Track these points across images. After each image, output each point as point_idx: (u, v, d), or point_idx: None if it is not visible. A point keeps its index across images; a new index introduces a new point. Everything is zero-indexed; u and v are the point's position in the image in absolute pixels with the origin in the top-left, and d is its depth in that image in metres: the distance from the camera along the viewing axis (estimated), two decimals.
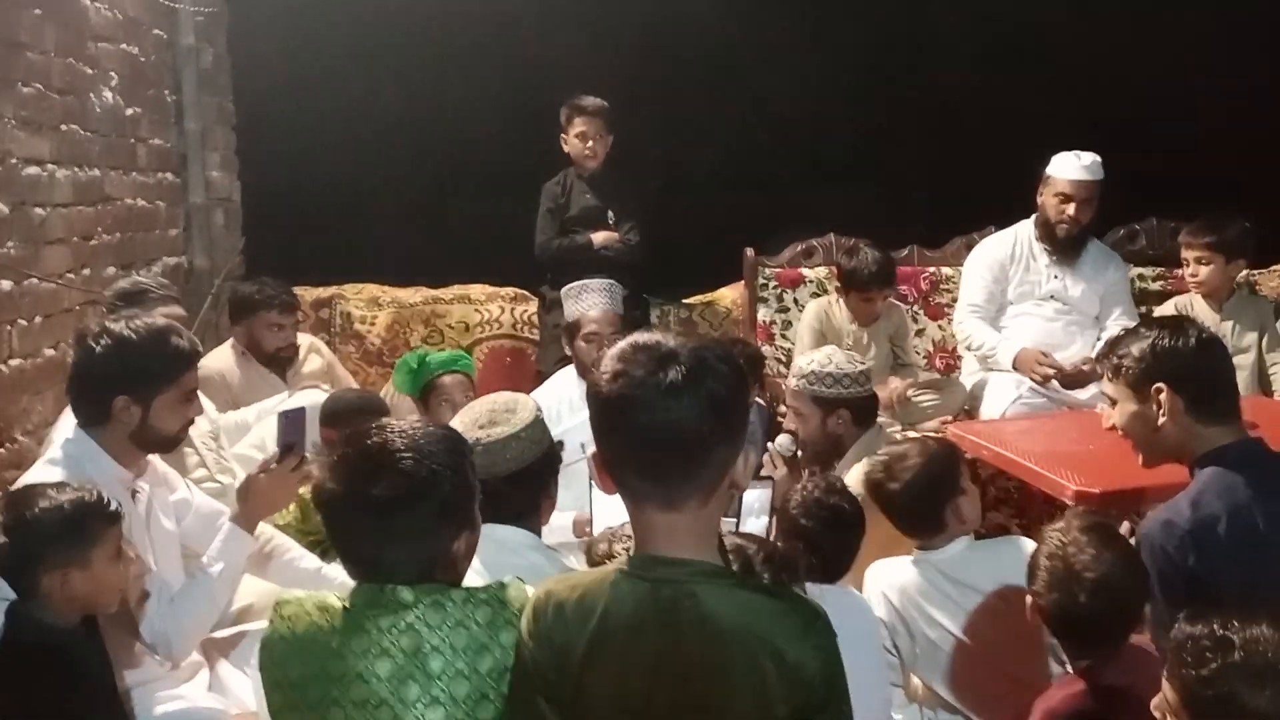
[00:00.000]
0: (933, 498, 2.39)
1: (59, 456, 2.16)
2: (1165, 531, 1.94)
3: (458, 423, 2.09)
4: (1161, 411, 2.01)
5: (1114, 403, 2.11)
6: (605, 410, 1.36)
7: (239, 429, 3.29)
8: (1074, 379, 3.72)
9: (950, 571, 2.37)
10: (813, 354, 2.99)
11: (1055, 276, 3.97)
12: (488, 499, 1.82)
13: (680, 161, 5.10)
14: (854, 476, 2.87)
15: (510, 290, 4.67)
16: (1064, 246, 3.92)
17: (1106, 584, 1.85)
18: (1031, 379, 3.74)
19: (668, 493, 1.36)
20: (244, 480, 2.32)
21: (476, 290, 4.67)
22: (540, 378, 4.11)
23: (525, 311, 4.59)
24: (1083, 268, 3.96)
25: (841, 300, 4.07)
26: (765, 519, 2.63)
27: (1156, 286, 4.45)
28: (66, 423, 2.35)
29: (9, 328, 2.89)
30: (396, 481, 1.51)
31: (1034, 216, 3.99)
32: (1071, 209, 3.85)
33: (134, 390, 2.15)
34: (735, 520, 2.61)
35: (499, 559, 2.00)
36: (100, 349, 2.15)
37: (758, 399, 3.99)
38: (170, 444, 2.30)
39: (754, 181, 4.95)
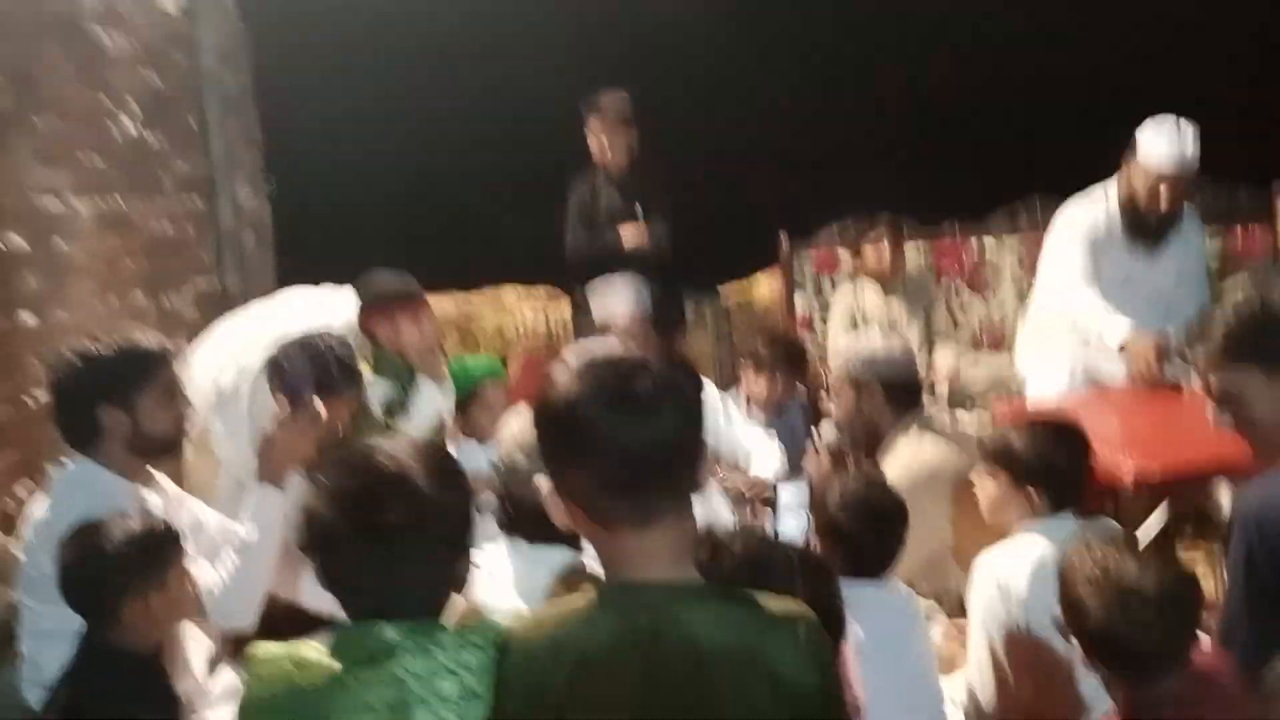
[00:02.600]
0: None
1: (64, 490, 2.17)
2: (1267, 507, 1.70)
3: (511, 439, 2.03)
4: None
5: (1225, 397, 1.84)
6: (573, 433, 1.27)
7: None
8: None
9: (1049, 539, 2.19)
10: (851, 337, 2.88)
11: (1136, 262, 3.53)
12: (529, 518, 1.74)
13: (711, 146, 4.97)
14: (895, 463, 2.77)
15: (543, 290, 4.60)
16: (1154, 233, 3.45)
17: (1169, 594, 1.66)
18: (1135, 373, 3.29)
19: (645, 510, 1.27)
20: (260, 440, 2.28)
21: (509, 294, 4.62)
22: None
23: (560, 316, 4.53)
24: (1166, 248, 3.50)
25: (865, 279, 3.99)
26: (803, 515, 2.54)
27: None
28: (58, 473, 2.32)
29: (35, 361, 2.89)
30: (407, 507, 1.41)
31: (1117, 194, 3.48)
32: (1166, 197, 3.34)
33: (115, 397, 2.16)
34: (773, 520, 2.55)
35: (536, 579, 1.96)
36: (69, 369, 2.17)
37: (798, 395, 3.91)
38: (169, 446, 2.29)
39: (787, 162, 4.81)
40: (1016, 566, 2.20)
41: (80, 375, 2.18)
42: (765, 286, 4.57)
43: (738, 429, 3.45)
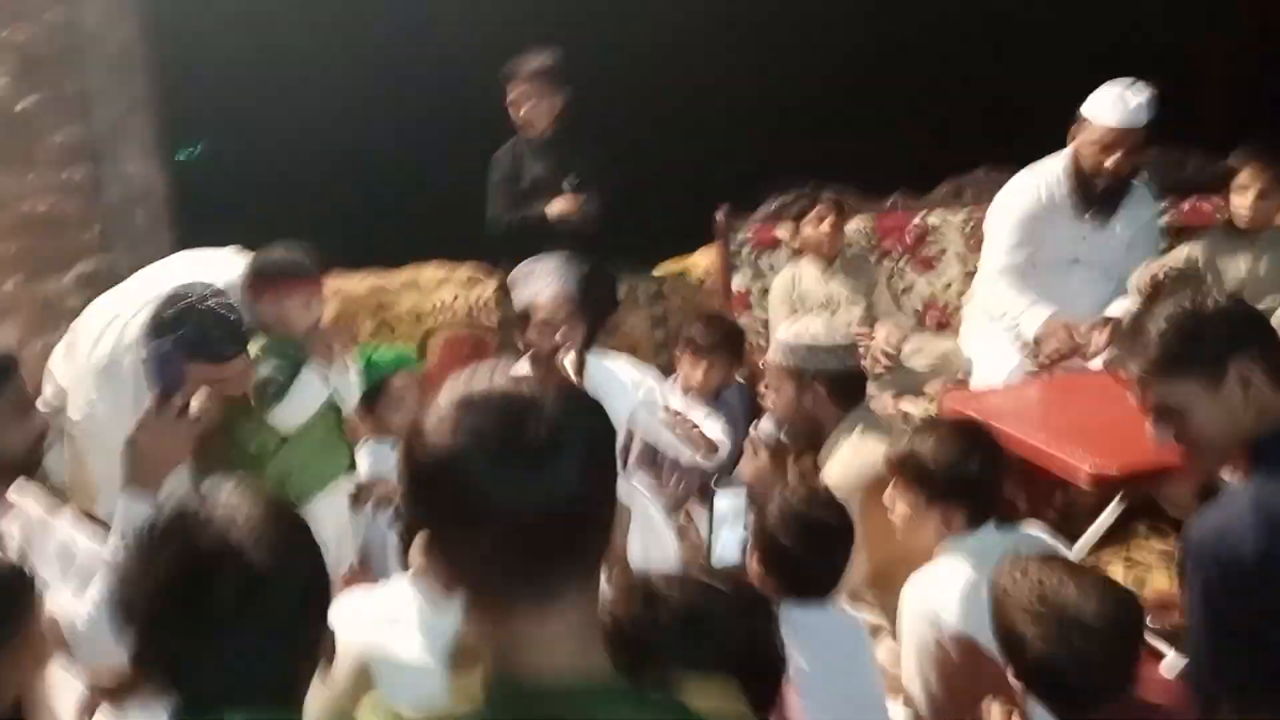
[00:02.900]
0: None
1: None
2: (1223, 537, 1.57)
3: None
4: (1243, 391, 1.60)
5: (1163, 411, 1.68)
6: (447, 494, 1.01)
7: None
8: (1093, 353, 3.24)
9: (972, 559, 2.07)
10: (790, 323, 2.67)
11: (1084, 237, 3.44)
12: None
13: (644, 114, 4.67)
14: (838, 463, 2.58)
15: (464, 272, 4.31)
16: (1102, 200, 3.35)
17: (1110, 621, 1.56)
18: (1043, 360, 3.29)
19: (543, 587, 1.01)
20: (126, 442, 2.00)
21: (427, 275, 4.31)
22: None
23: (482, 296, 4.24)
24: (1115, 222, 3.41)
25: (805, 259, 3.79)
26: (741, 530, 2.32)
27: None
28: None
29: None
30: (237, 582, 1.16)
31: (1064, 164, 3.38)
32: (1114, 160, 3.25)
33: None
34: (708, 533, 2.33)
35: (443, 623, 1.73)
36: None
37: (737, 378, 3.71)
38: (21, 465, 2.04)
39: (724, 131, 4.52)
40: (944, 595, 2.06)
41: None
42: (701, 265, 4.33)
43: (677, 405, 3.24)
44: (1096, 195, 3.34)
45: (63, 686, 2.09)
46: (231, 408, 2.64)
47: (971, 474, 2.09)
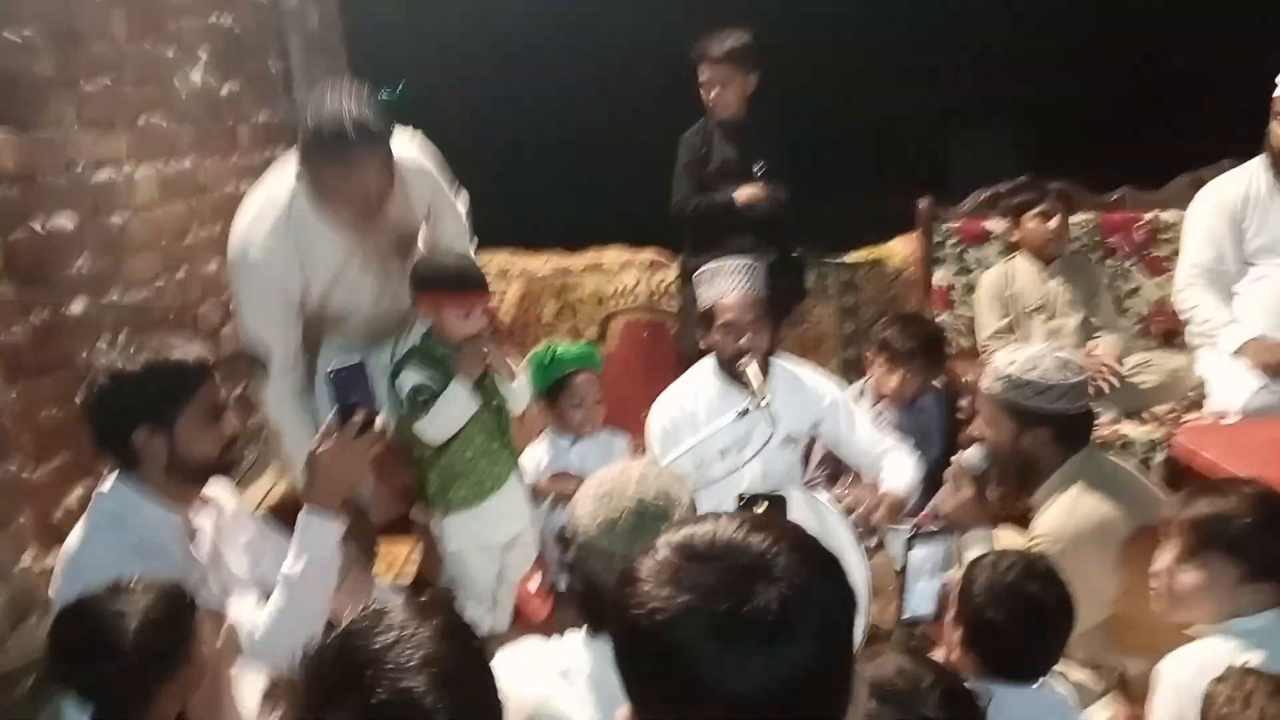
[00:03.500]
0: None
1: (97, 516, 2.02)
2: None
3: (589, 514, 1.63)
4: None
5: None
6: (661, 668, 0.87)
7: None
8: None
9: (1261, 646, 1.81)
10: (1017, 354, 2.39)
11: None
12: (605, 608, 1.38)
13: (844, 97, 4.38)
14: (1054, 513, 2.32)
15: (647, 255, 4.19)
16: None
17: None
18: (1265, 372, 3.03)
19: None
20: (306, 459, 2.02)
21: (610, 257, 4.22)
22: (680, 360, 3.66)
23: (663, 281, 4.11)
24: None
25: (1021, 256, 3.47)
26: (938, 582, 2.12)
27: None
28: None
29: (84, 354, 2.64)
30: None
31: (1264, 152, 3.25)
32: None
33: (149, 418, 1.98)
34: (901, 582, 2.14)
35: (613, 680, 1.63)
36: (100, 387, 1.98)
37: (935, 384, 3.44)
38: (214, 469, 2.09)
39: (932, 114, 4.16)
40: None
41: (110, 396, 1.98)
42: (899, 254, 4.04)
43: (863, 433, 3.02)
44: None
45: (246, 679, 2.14)
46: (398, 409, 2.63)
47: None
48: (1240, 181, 3.32)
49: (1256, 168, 3.31)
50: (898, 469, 2.92)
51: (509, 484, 2.74)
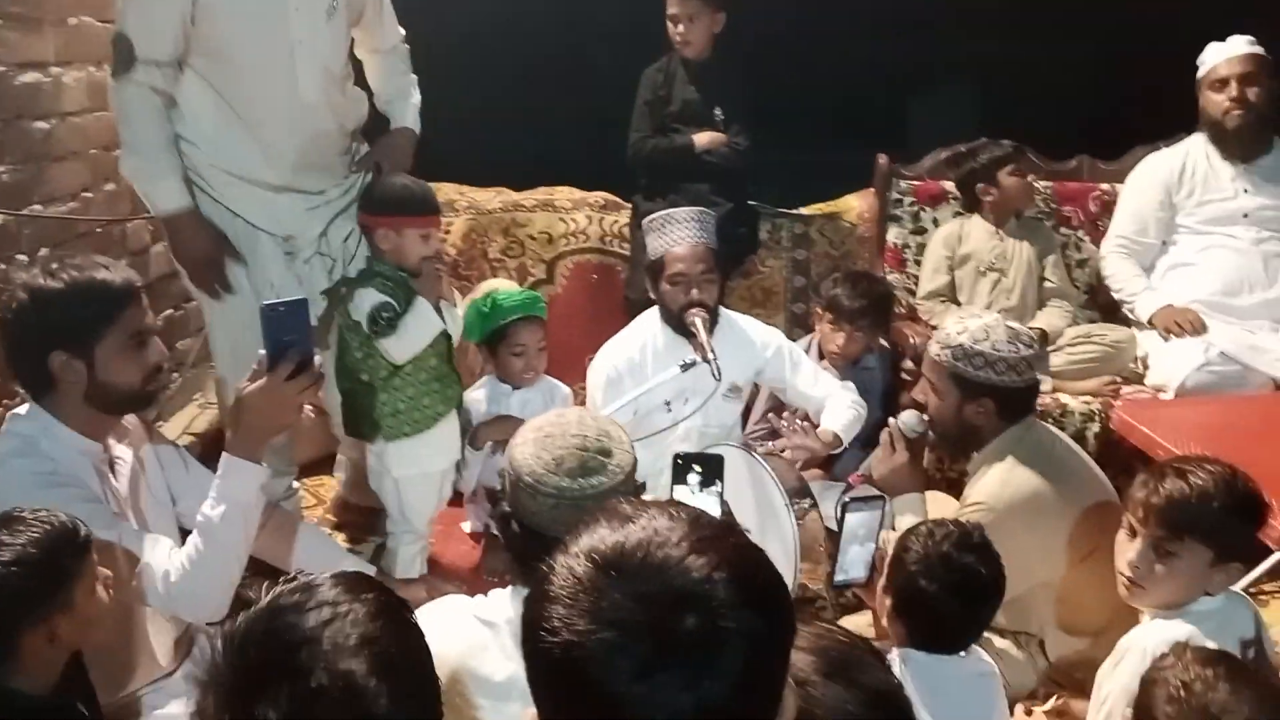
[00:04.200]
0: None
1: (9, 440, 1.92)
2: None
3: (529, 458, 1.59)
4: None
5: None
6: (572, 691, 0.82)
7: None
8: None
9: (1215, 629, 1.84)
10: (968, 321, 2.36)
11: (1245, 190, 3.34)
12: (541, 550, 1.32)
13: (808, 48, 4.28)
14: (989, 482, 2.32)
15: (599, 196, 4.09)
16: (1244, 143, 3.34)
17: None
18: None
19: None
20: (233, 400, 1.94)
21: (561, 196, 4.12)
22: (628, 305, 3.60)
23: (616, 223, 4.02)
24: (1267, 168, 3.37)
25: (977, 215, 3.47)
26: (871, 546, 2.12)
27: None
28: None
29: (3, 266, 2.51)
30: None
31: (1200, 127, 3.45)
32: (1234, 89, 3.31)
33: (68, 343, 1.88)
34: (834, 546, 2.13)
35: None
36: (18, 306, 1.88)
37: (881, 344, 3.43)
38: (135, 400, 2.00)
39: (892, 75, 4.08)
40: None
41: (27, 316, 1.87)
42: (855, 208, 3.99)
43: (807, 377, 3.04)
44: (1234, 135, 3.35)
45: (160, 621, 2.08)
46: (341, 333, 2.58)
47: (1249, 533, 1.86)
48: (1177, 155, 3.44)
49: (1195, 141, 3.44)
50: (837, 410, 2.96)
51: (453, 415, 2.74)
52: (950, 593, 1.80)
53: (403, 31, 2.99)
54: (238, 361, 2.38)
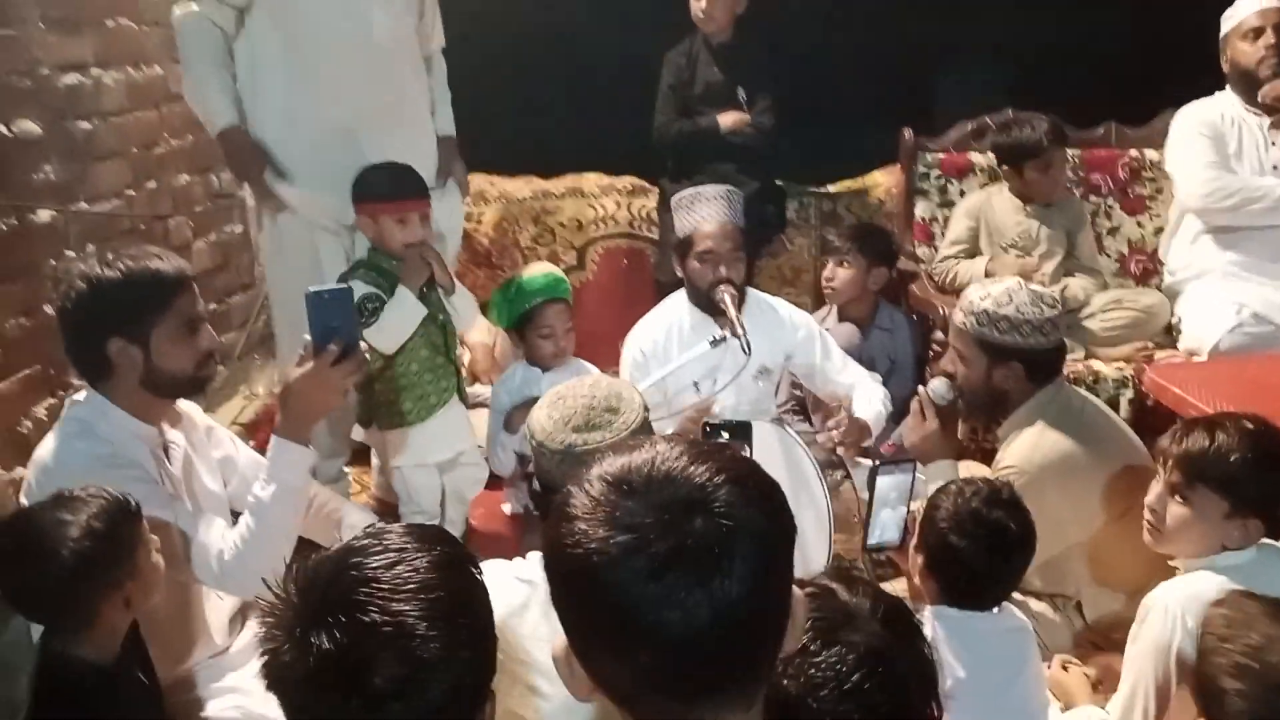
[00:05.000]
0: None
1: (70, 424, 1.99)
2: None
3: (543, 418, 1.66)
4: None
5: None
6: (595, 607, 0.87)
7: None
8: None
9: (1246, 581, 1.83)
10: (991, 287, 2.38)
11: (1274, 143, 3.28)
12: None
13: (830, 26, 4.28)
14: (1020, 446, 2.34)
15: (627, 181, 4.13)
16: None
17: None
18: None
19: (701, 705, 0.88)
20: (280, 390, 2.01)
21: (589, 182, 4.16)
22: (658, 288, 3.65)
23: (644, 207, 4.07)
24: None
25: (1007, 186, 3.44)
26: (903, 510, 2.14)
27: None
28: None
29: (53, 263, 2.60)
30: (399, 669, 1.03)
31: (1230, 84, 3.38)
32: (1270, 36, 3.25)
33: (125, 329, 1.94)
34: (867, 510, 2.16)
35: None
36: (76, 294, 1.94)
37: (912, 314, 3.45)
38: (190, 385, 2.06)
39: (915, 50, 4.07)
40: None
41: (86, 304, 1.94)
42: (882, 184, 4.00)
43: (836, 364, 3.03)
44: (1264, 85, 3.27)
45: (214, 599, 2.15)
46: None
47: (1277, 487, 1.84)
48: (1215, 107, 3.39)
49: (1225, 97, 3.39)
50: (867, 399, 2.93)
51: (453, 402, 2.75)
52: (980, 548, 1.82)
53: (443, 40, 3.05)
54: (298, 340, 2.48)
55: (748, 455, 0.93)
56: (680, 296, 3.03)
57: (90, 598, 1.63)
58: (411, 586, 1.06)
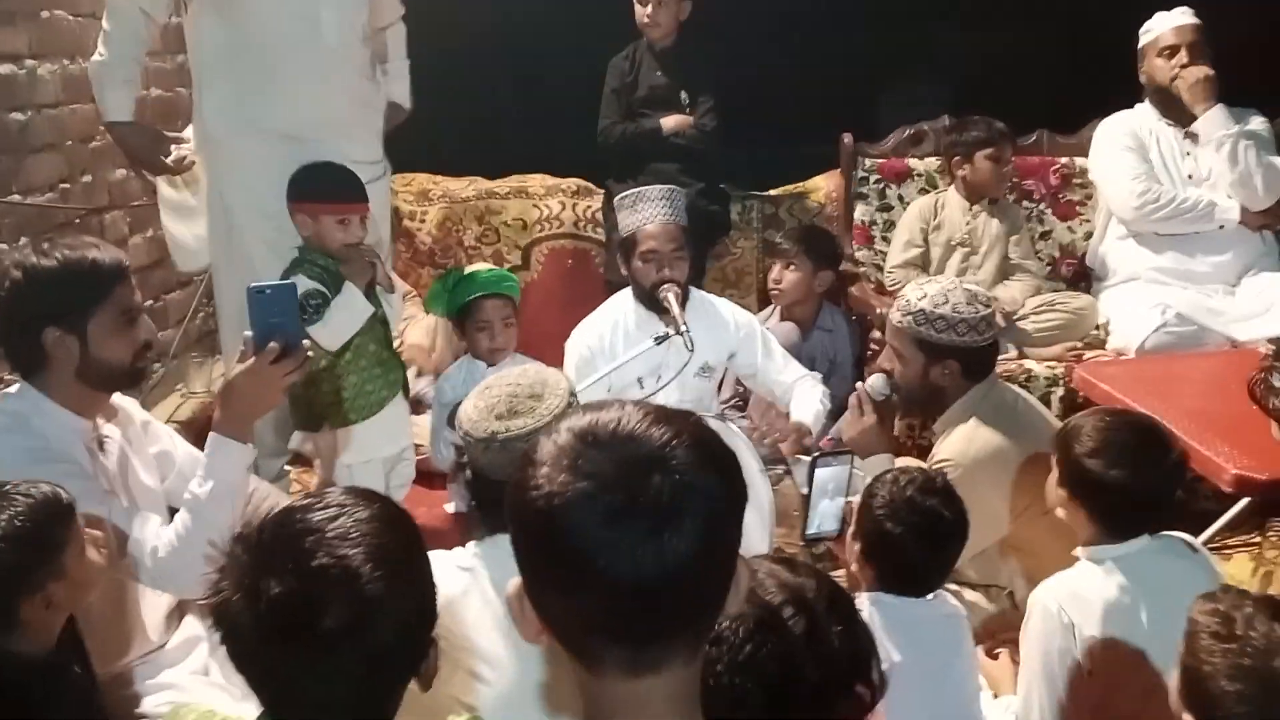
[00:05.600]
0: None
1: (2, 417, 1.94)
2: None
3: (470, 408, 1.68)
4: None
5: None
6: (552, 552, 0.91)
7: None
8: None
9: (1130, 574, 1.90)
10: (927, 286, 2.44)
11: (1187, 154, 3.42)
12: (500, 505, 1.41)
13: (770, 32, 4.36)
14: (955, 440, 2.40)
15: (572, 183, 4.15)
16: (1189, 111, 3.38)
17: None
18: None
19: (645, 656, 0.92)
20: (221, 386, 1.99)
21: (535, 183, 4.17)
22: (608, 288, 3.66)
23: (589, 208, 4.09)
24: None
25: (953, 188, 3.54)
26: (841, 501, 2.19)
27: None
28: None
29: None
30: (347, 612, 1.09)
31: (1148, 97, 3.52)
32: (1183, 56, 3.37)
33: (61, 319, 1.91)
34: (805, 502, 2.20)
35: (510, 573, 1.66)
36: (11, 283, 1.90)
37: (850, 315, 3.52)
38: (126, 378, 2.03)
39: (857, 59, 4.16)
40: (1087, 608, 1.88)
41: (21, 293, 1.90)
42: (823, 188, 4.07)
43: (777, 363, 3.08)
44: (1176, 100, 3.40)
45: (151, 597, 2.12)
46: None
47: (1145, 487, 1.88)
48: (1134, 119, 3.52)
49: (1142, 110, 3.52)
50: (807, 399, 2.98)
51: (399, 397, 2.75)
52: (915, 535, 1.87)
53: (403, 9, 3.04)
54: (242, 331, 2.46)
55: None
56: (626, 294, 3.05)
57: (9, 601, 1.58)
58: (355, 535, 1.12)
